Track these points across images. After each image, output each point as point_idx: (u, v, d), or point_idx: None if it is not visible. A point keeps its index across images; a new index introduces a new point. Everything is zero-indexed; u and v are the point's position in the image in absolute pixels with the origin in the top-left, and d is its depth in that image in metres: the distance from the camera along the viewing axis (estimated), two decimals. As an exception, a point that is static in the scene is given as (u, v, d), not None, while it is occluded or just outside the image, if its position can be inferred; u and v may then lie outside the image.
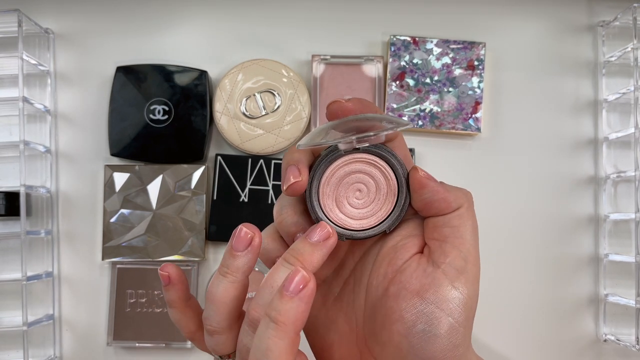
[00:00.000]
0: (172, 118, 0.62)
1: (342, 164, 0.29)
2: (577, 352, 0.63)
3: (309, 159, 0.29)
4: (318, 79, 0.63)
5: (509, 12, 0.66)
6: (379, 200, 0.30)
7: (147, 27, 0.65)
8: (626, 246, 0.63)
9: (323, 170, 0.29)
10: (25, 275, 0.58)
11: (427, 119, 0.63)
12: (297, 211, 0.30)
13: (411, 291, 0.27)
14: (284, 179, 0.28)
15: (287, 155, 0.30)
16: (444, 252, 0.28)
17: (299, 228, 0.29)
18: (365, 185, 0.30)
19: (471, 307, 0.28)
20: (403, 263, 0.29)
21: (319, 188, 0.29)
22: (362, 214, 0.30)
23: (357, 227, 0.30)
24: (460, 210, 0.28)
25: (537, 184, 0.65)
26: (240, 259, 0.29)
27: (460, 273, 0.27)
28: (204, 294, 0.62)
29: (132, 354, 0.63)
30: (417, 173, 0.28)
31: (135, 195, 0.62)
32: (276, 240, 0.31)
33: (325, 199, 0.29)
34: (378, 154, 0.29)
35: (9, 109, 0.63)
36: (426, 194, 0.28)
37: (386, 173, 0.29)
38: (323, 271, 0.31)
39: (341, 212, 0.30)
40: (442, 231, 0.28)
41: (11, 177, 0.63)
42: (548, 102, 0.65)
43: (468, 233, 0.28)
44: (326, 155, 0.29)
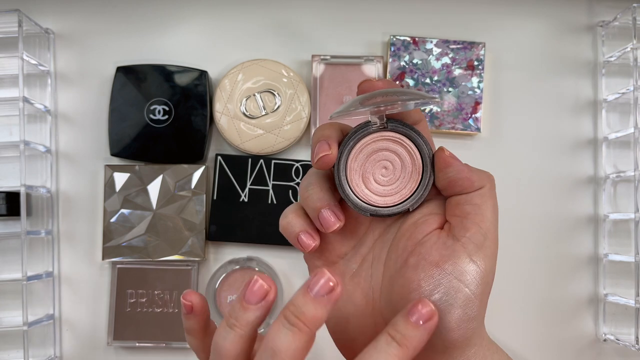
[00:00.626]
0: (172, 118, 0.62)
1: (370, 141, 0.30)
2: (576, 352, 0.63)
3: (338, 135, 0.30)
4: (318, 79, 0.63)
5: (508, 12, 0.66)
6: (404, 178, 0.30)
7: (147, 27, 0.66)
8: (626, 246, 0.63)
9: (352, 146, 0.30)
10: (25, 275, 0.58)
11: (427, 119, 0.63)
12: (323, 188, 0.30)
13: (430, 262, 0.28)
14: (315, 153, 0.29)
15: (318, 131, 0.31)
16: (465, 227, 0.28)
17: (324, 204, 0.30)
18: (391, 163, 0.30)
19: (487, 282, 0.29)
20: (423, 237, 0.29)
21: (347, 163, 0.30)
22: (387, 191, 0.30)
23: (382, 203, 0.30)
24: (483, 190, 0.29)
25: (536, 184, 0.65)
26: (251, 313, 0.27)
27: (479, 248, 0.28)
28: (204, 294, 0.62)
29: (132, 353, 0.63)
30: (443, 152, 0.29)
31: (135, 195, 0.62)
32: (300, 217, 0.31)
33: (353, 174, 0.30)
34: (405, 132, 0.30)
35: (9, 109, 0.63)
36: (451, 172, 0.29)
37: (412, 152, 0.30)
38: (343, 249, 0.32)
39: (367, 187, 0.30)
40: (464, 208, 0.29)
41: (11, 177, 0.63)
42: (548, 102, 0.65)
43: (489, 211, 0.29)
44: (355, 131, 0.30)
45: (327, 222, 0.30)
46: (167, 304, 0.62)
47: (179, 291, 0.62)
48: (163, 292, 0.62)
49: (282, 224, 0.31)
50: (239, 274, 0.62)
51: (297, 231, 0.30)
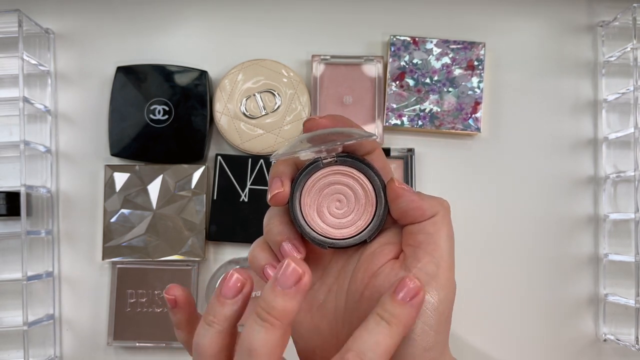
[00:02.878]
0: (172, 118, 0.62)
1: (322, 176, 0.31)
2: (576, 352, 0.63)
3: (292, 171, 0.31)
4: (318, 79, 0.63)
5: (508, 12, 0.66)
6: (358, 210, 0.31)
7: (148, 28, 0.66)
8: (626, 246, 0.63)
9: (304, 182, 0.31)
10: (25, 275, 0.58)
11: (427, 119, 0.63)
12: (282, 221, 0.31)
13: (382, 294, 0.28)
14: (269, 190, 0.30)
15: (272, 168, 0.31)
16: (417, 257, 0.29)
17: (284, 237, 0.30)
18: (344, 196, 0.31)
19: (442, 312, 0.28)
20: (378, 268, 0.30)
21: (301, 198, 0.31)
22: (343, 224, 0.31)
23: (339, 235, 0.31)
24: (435, 218, 0.29)
25: (536, 184, 0.65)
26: (228, 307, 0.28)
27: (432, 278, 0.28)
28: (204, 295, 0.62)
29: (132, 353, 0.63)
30: (393, 184, 0.30)
31: (135, 195, 0.62)
32: (264, 250, 0.32)
33: (307, 209, 0.31)
34: (355, 165, 0.31)
35: (9, 109, 0.63)
36: (402, 203, 0.29)
37: (364, 184, 0.31)
38: None
39: (323, 221, 0.31)
40: (417, 237, 0.29)
41: (11, 177, 0.63)
42: (548, 102, 0.65)
43: (442, 240, 0.29)
44: (306, 167, 0.31)
45: (287, 254, 0.30)
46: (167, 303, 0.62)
47: (179, 291, 0.62)
48: (163, 292, 0.62)
49: (249, 258, 0.32)
50: (239, 274, 0.62)
51: (262, 264, 0.31)
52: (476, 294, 0.63)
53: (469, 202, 0.64)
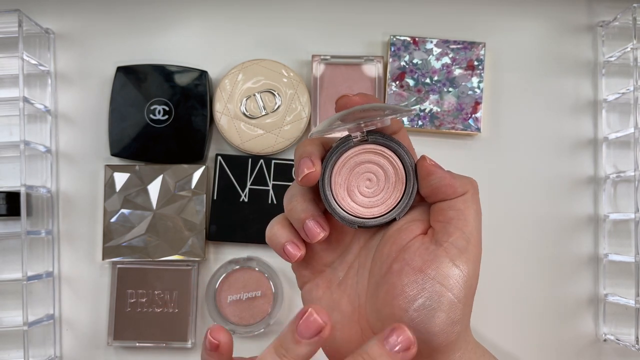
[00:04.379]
0: (172, 118, 0.62)
1: (353, 155, 0.31)
2: (576, 352, 0.63)
3: (320, 150, 0.31)
4: (318, 79, 0.63)
5: (508, 12, 0.66)
6: (388, 188, 0.31)
7: (148, 28, 0.66)
8: (626, 246, 0.63)
9: (335, 161, 0.31)
10: (25, 275, 0.58)
11: (427, 119, 0.63)
12: (306, 199, 0.31)
13: (413, 267, 0.28)
14: (298, 171, 0.30)
15: (300, 147, 0.31)
16: (447, 232, 0.29)
17: (308, 214, 0.30)
18: (374, 175, 0.31)
19: (471, 286, 0.29)
20: (407, 243, 0.30)
21: (331, 178, 0.31)
22: (373, 202, 0.31)
23: (368, 215, 0.31)
24: (466, 196, 0.30)
25: (536, 184, 0.65)
26: (303, 347, 0.26)
27: (462, 252, 0.28)
28: (204, 295, 0.62)
29: (132, 354, 0.63)
30: (425, 161, 0.30)
31: (135, 195, 0.62)
32: (285, 228, 0.31)
33: (337, 188, 0.31)
34: (385, 144, 0.30)
35: (9, 109, 0.63)
36: (434, 180, 0.29)
37: (394, 162, 0.31)
38: (329, 257, 0.33)
39: (352, 200, 0.31)
40: (447, 214, 0.29)
41: (11, 177, 0.63)
42: (548, 102, 0.65)
43: (472, 217, 0.29)
44: (337, 146, 0.31)
45: (312, 232, 0.30)
46: (167, 304, 0.62)
47: (179, 291, 0.62)
48: (163, 292, 0.62)
49: (268, 235, 0.32)
50: (239, 274, 0.62)
51: (282, 242, 0.31)
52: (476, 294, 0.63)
53: (469, 202, 0.64)
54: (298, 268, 0.33)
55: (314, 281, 0.33)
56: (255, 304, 0.61)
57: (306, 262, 0.33)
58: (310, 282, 0.33)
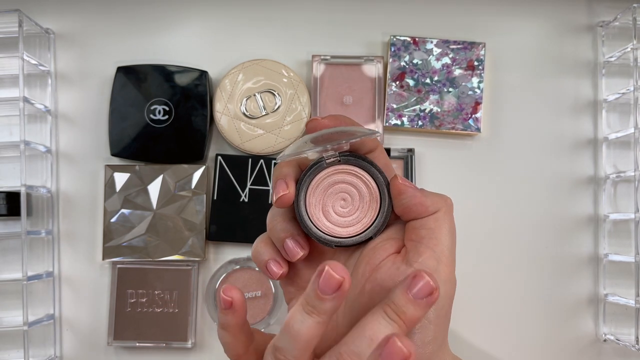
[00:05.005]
0: (172, 118, 0.62)
1: (326, 175, 0.31)
2: (576, 352, 0.63)
3: (295, 172, 0.32)
4: (318, 79, 0.63)
5: (508, 12, 0.66)
6: (362, 208, 0.31)
7: (148, 28, 0.66)
8: (626, 246, 0.63)
9: (308, 182, 0.31)
10: (25, 275, 0.58)
11: (427, 119, 0.63)
12: (286, 219, 0.32)
13: (384, 288, 0.29)
14: (274, 193, 0.31)
15: (276, 170, 0.32)
16: (418, 252, 0.29)
17: (287, 234, 0.31)
18: (348, 195, 0.31)
19: (442, 306, 0.29)
20: (380, 262, 0.30)
21: (306, 199, 0.31)
22: (348, 222, 0.32)
23: (345, 234, 0.31)
24: (438, 214, 0.30)
25: (536, 184, 0.65)
26: (328, 303, 0.27)
27: (432, 272, 0.28)
28: (204, 295, 0.62)
29: (132, 353, 0.63)
30: (396, 180, 0.30)
31: (135, 195, 0.62)
32: (268, 246, 0.32)
33: (313, 209, 0.31)
34: (359, 164, 0.31)
35: (10, 109, 0.63)
36: (405, 199, 0.30)
37: (367, 182, 0.31)
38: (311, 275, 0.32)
39: (328, 220, 0.32)
40: (419, 232, 0.30)
41: (12, 177, 0.64)
42: (548, 102, 0.65)
43: (444, 235, 0.30)
44: (310, 167, 0.31)
45: (291, 251, 0.31)
46: (167, 304, 0.62)
47: (179, 291, 0.62)
48: (163, 292, 0.62)
49: (252, 252, 0.33)
50: (239, 274, 0.62)
51: (265, 259, 0.32)
52: (476, 294, 0.63)
53: (469, 202, 0.64)
54: (284, 284, 0.34)
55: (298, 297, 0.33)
56: (255, 304, 0.61)
57: (290, 279, 0.33)
58: (295, 298, 0.34)
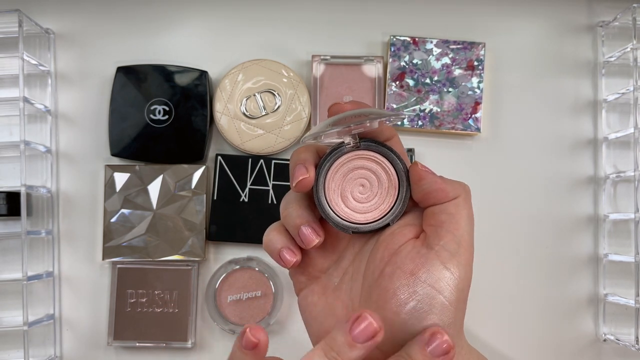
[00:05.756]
0: (172, 118, 0.62)
1: (346, 161, 0.31)
2: (576, 352, 0.63)
3: (314, 157, 0.32)
4: (318, 79, 0.63)
5: (508, 12, 0.66)
6: (381, 194, 0.31)
7: (148, 28, 0.66)
8: (626, 246, 0.63)
9: (328, 167, 0.31)
10: (25, 275, 0.58)
11: (426, 119, 0.63)
12: (301, 205, 0.32)
13: (405, 271, 0.29)
14: (293, 177, 0.31)
15: (294, 155, 0.32)
16: (439, 236, 0.29)
17: (303, 220, 0.31)
18: (367, 180, 0.31)
19: (462, 289, 0.29)
20: (399, 247, 0.30)
21: (325, 184, 0.31)
22: (366, 208, 0.31)
23: (362, 220, 0.31)
24: (458, 200, 0.30)
25: (536, 184, 0.65)
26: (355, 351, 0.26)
27: (453, 255, 0.29)
28: (204, 295, 0.62)
29: (132, 353, 0.63)
30: (416, 166, 0.30)
31: (135, 195, 0.62)
32: (281, 234, 0.32)
33: (331, 194, 0.31)
34: (378, 150, 0.31)
35: (10, 109, 0.63)
36: (425, 185, 0.30)
37: (387, 168, 0.31)
38: (324, 263, 0.33)
39: (346, 206, 0.32)
40: (439, 217, 0.30)
41: (12, 177, 0.63)
42: (548, 102, 0.65)
43: (463, 220, 0.30)
44: (330, 152, 0.31)
45: (306, 238, 0.31)
46: (167, 304, 0.62)
47: (179, 291, 0.62)
48: (163, 292, 0.62)
49: (264, 241, 0.33)
50: (239, 274, 0.62)
51: (278, 247, 0.32)
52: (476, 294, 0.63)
53: (469, 202, 0.64)
54: (295, 274, 0.34)
55: (310, 287, 0.33)
56: (255, 304, 0.61)
57: (302, 268, 0.33)
58: (307, 288, 0.33)
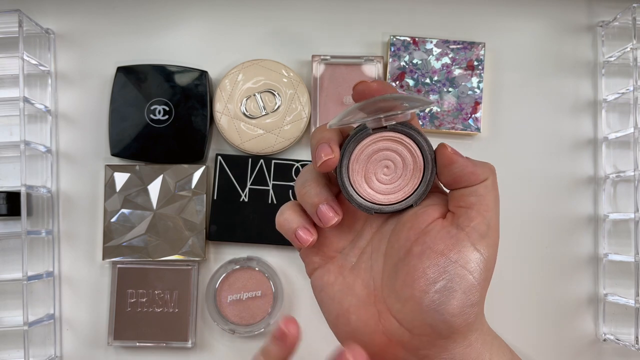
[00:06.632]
0: (172, 118, 0.62)
1: (370, 142, 0.31)
2: (576, 352, 0.64)
3: (338, 137, 0.31)
4: (318, 79, 0.63)
5: (508, 12, 0.66)
6: (405, 176, 0.31)
7: (148, 28, 0.66)
8: (626, 246, 0.63)
9: (352, 148, 0.31)
10: (26, 275, 0.58)
11: (426, 119, 0.63)
12: (320, 183, 0.31)
13: (435, 250, 0.29)
14: (316, 156, 0.30)
15: (317, 133, 0.31)
16: (469, 217, 0.30)
17: (322, 199, 0.31)
18: (392, 162, 0.31)
19: (489, 269, 0.30)
20: (426, 226, 0.30)
21: (349, 165, 0.31)
22: (390, 189, 0.31)
23: (385, 201, 0.31)
24: (487, 182, 0.30)
25: (536, 184, 0.65)
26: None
27: (483, 237, 0.30)
28: (204, 295, 0.62)
29: (132, 353, 0.63)
30: (446, 149, 0.30)
31: (135, 195, 0.62)
32: (297, 213, 0.32)
33: (355, 175, 0.31)
34: (404, 132, 0.30)
35: (10, 109, 0.63)
36: (456, 168, 0.30)
37: (412, 150, 0.31)
38: (340, 243, 0.33)
39: (370, 187, 0.31)
40: (469, 199, 0.30)
41: (12, 177, 0.64)
42: (547, 102, 0.66)
43: (492, 202, 0.31)
44: (355, 134, 0.31)
45: (325, 216, 0.31)
46: (167, 304, 0.62)
47: (179, 291, 0.62)
48: (163, 292, 0.62)
49: (278, 220, 0.32)
50: (239, 274, 0.62)
51: (294, 227, 0.31)
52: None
53: (469, 202, 0.64)
54: (308, 255, 0.34)
55: (325, 267, 0.33)
56: (255, 304, 0.61)
57: (317, 248, 0.33)
58: (321, 268, 0.33)
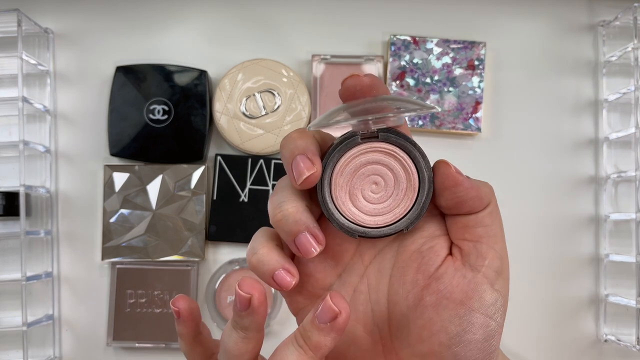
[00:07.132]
0: (171, 118, 0.62)
1: (358, 153, 0.26)
2: (577, 352, 0.63)
3: (316, 145, 0.26)
4: (318, 78, 0.63)
5: (509, 12, 0.66)
6: (397, 195, 0.26)
7: (147, 27, 0.65)
8: (627, 246, 0.63)
9: (337, 159, 0.26)
10: (24, 276, 0.58)
11: (427, 119, 0.63)
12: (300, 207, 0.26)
13: (454, 300, 0.25)
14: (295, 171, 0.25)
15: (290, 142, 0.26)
16: (481, 254, 0.25)
17: (301, 226, 0.25)
18: (382, 178, 0.26)
19: (506, 305, 0.26)
20: (436, 269, 0.26)
21: (332, 178, 0.26)
22: (378, 210, 0.26)
23: (372, 223, 0.26)
24: (491, 207, 0.26)
25: (537, 184, 0.65)
26: (245, 319, 0.26)
27: (499, 274, 0.26)
28: (204, 295, 0.62)
29: (132, 354, 0.63)
30: (448, 168, 0.25)
31: (135, 195, 0.62)
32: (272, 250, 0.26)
33: (338, 191, 0.26)
34: (398, 143, 0.26)
35: (9, 109, 0.63)
36: (460, 192, 0.25)
37: (407, 166, 0.26)
38: (326, 279, 0.28)
39: (354, 206, 0.26)
40: (475, 231, 0.26)
41: (11, 177, 0.63)
42: (548, 101, 0.65)
43: (500, 231, 0.26)
44: (340, 142, 0.26)
45: (305, 247, 0.25)
46: (166, 304, 0.61)
47: (178, 291, 0.62)
48: (163, 293, 0.62)
49: (251, 261, 0.26)
50: (239, 274, 0.61)
51: (271, 269, 0.26)
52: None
53: (470, 202, 0.64)
54: (290, 294, 0.28)
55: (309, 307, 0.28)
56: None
57: (299, 286, 0.27)
58: (306, 308, 0.28)
